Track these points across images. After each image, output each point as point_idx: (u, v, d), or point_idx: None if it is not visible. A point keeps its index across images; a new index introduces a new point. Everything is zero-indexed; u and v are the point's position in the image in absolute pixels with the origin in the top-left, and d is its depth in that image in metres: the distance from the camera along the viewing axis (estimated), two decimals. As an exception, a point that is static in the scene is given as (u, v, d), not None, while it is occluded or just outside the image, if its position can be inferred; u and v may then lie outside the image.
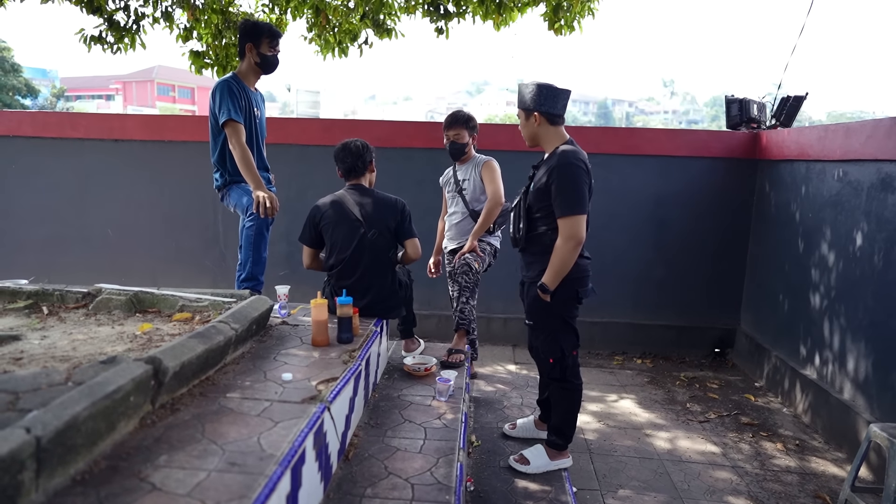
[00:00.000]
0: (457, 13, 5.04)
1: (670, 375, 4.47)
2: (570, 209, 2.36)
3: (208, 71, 5.26)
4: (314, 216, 2.96)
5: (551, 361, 2.56)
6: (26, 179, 5.07)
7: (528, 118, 2.52)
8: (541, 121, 2.50)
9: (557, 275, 2.41)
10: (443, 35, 5.24)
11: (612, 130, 5.32)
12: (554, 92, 2.46)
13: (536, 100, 2.47)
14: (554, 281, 2.42)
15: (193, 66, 5.23)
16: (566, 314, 2.53)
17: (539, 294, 2.46)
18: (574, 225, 2.36)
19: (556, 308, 2.49)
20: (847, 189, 3.51)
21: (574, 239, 2.36)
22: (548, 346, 2.56)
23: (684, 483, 2.93)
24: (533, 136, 2.57)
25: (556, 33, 4.92)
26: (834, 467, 3.14)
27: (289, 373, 2.09)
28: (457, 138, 3.40)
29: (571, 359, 2.56)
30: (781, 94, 4.89)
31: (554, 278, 2.41)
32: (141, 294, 2.56)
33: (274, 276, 4.56)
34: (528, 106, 2.50)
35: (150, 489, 1.33)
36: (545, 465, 2.64)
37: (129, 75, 51.35)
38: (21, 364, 1.79)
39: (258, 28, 3.15)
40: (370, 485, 1.94)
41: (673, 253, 4.88)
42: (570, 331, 2.55)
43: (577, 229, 2.36)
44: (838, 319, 3.50)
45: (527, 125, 2.55)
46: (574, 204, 2.37)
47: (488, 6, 4.74)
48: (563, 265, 2.39)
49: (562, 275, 2.41)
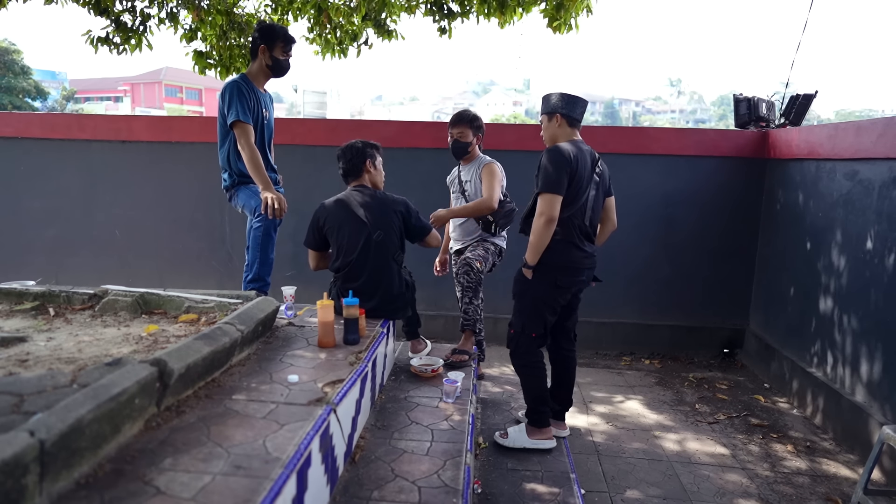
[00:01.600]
0: (461, 13, 5.01)
1: (678, 376, 4.43)
2: (545, 187, 2.56)
3: (211, 71, 5.28)
4: (317, 219, 2.96)
5: (511, 331, 2.79)
6: (34, 181, 5.09)
7: (551, 119, 2.77)
8: (561, 122, 2.74)
9: (532, 248, 2.61)
10: (445, 35, 5.22)
11: (619, 130, 5.29)
12: (574, 99, 2.75)
13: (558, 104, 2.74)
14: (531, 256, 2.62)
15: (197, 66, 5.25)
16: (539, 297, 2.70)
17: (522, 270, 2.69)
18: (546, 201, 2.55)
19: (530, 288, 2.69)
20: (858, 188, 3.47)
21: (545, 215, 2.55)
22: (514, 318, 2.79)
23: (694, 485, 2.91)
24: (553, 137, 2.77)
25: (554, 31, 4.89)
26: (846, 469, 3.11)
27: (295, 374, 2.08)
28: (460, 137, 3.38)
29: (527, 338, 2.74)
30: (790, 93, 4.85)
31: (531, 252, 2.62)
32: (147, 295, 2.56)
33: (280, 277, 4.56)
34: (550, 109, 2.76)
35: (154, 493, 1.32)
36: (522, 442, 2.79)
37: (137, 77, 51.66)
38: (27, 366, 1.79)
39: (274, 31, 3.15)
40: (377, 487, 1.93)
41: (681, 253, 4.85)
42: (537, 316, 2.73)
43: (548, 206, 2.55)
44: (849, 320, 3.46)
45: (549, 126, 2.78)
46: (548, 183, 2.55)
47: (490, 4, 4.71)
48: (536, 238, 2.58)
49: (537, 249, 2.60)
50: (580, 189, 2.63)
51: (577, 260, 2.69)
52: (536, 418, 2.80)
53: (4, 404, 1.41)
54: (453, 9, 5.01)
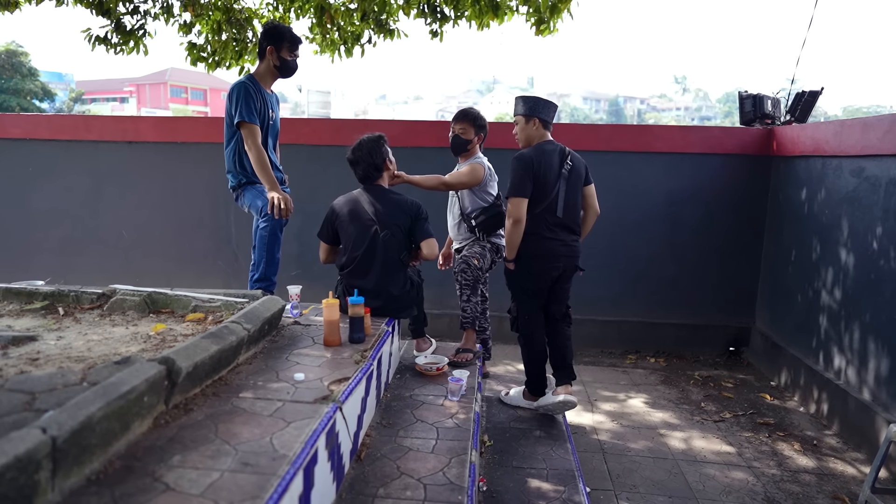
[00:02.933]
0: (454, 17, 5.02)
1: (684, 374, 4.43)
2: (510, 192, 2.89)
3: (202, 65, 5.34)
4: (331, 214, 2.99)
5: (510, 315, 3.16)
6: (42, 181, 5.13)
7: (529, 122, 3.01)
8: (538, 125, 3.00)
9: (508, 245, 2.97)
10: (437, 38, 5.23)
11: (623, 128, 5.30)
12: (548, 103, 3.04)
13: (535, 108, 3.00)
14: (507, 251, 2.98)
15: (189, 58, 5.30)
16: (519, 283, 3.06)
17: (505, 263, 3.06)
18: (512, 205, 2.88)
19: (513, 277, 3.07)
20: (864, 185, 3.46)
21: (512, 216, 2.88)
22: (512, 304, 3.16)
23: (699, 483, 2.91)
24: (528, 138, 3.03)
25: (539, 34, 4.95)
26: (852, 468, 3.10)
27: (301, 373, 2.09)
28: (462, 133, 3.37)
29: (523, 319, 3.09)
30: (796, 90, 4.82)
31: (507, 248, 2.98)
32: (154, 295, 2.58)
33: (286, 276, 4.58)
34: (529, 112, 3.00)
35: (163, 489, 1.33)
36: (517, 400, 3.25)
37: (142, 78, 51.84)
38: (37, 364, 1.81)
39: (281, 32, 3.16)
40: (382, 485, 1.94)
41: (686, 250, 4.84)
42: (526, 298, 3.07)
43: (514, 209, 2.87)
44: (856, 317, 3.45)
45: (526, 128, 3.03)
46: (513, 188, 2.88)
47: (482, 7, 4.73)
48: (507, 237, 2.95)
49: (511, 245, 2.94)
50: (546, 187, 2.91)
51: (549, 248, 2.95)
52: (529, 386, 3.20)
53: (17, 402, 1.43)
54: (445, 13, 5.02)
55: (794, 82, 4.97)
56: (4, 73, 25.68)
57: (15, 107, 24.95)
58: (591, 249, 4.40)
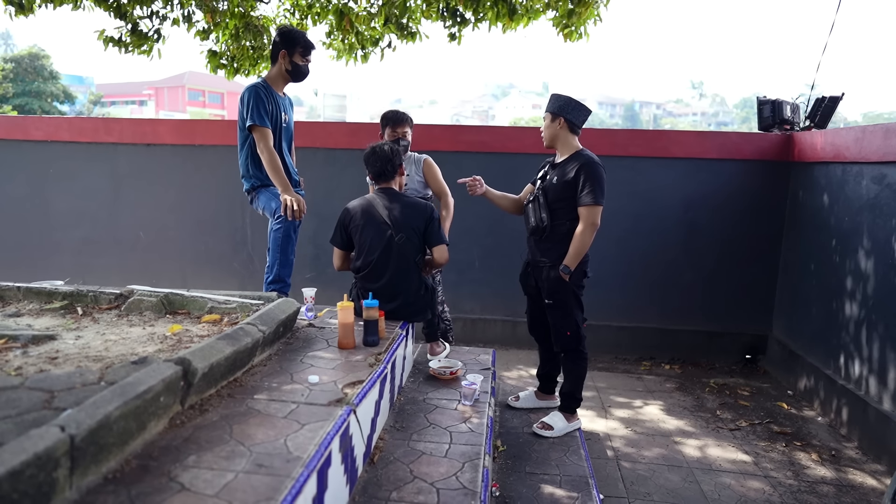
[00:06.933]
0: (474, 20, 5.03)
1: (699, 382, 4.38)
2: (594, 200, 2.79)
3: (221, 71, 5.40)
4: (343, 219, 2.99)
5: (568, 334, 2.94)
6: (63, 183, 5.22)
7: (554, 120, 2.94)
8: (564, 125, 2.92)
9: (578, 256, 2.83)
10: (455, 41, 5.25)
11: (639, 133, 5.25)
12: (580, 106, 2.93)
13: (565, 108, 2.92)
14: (575, 262, 2.83)
15: (209, 65, 5.36)
16: (577, 294, 2.96)
17: (560, 274, 2.85)
18: (596, 213, 2.81)
19: (571, 286, 2.91)
20: (886, 192, 3.40)
21: (595, 225, 2.81)
22: (565, 321, 2.94)
23: (714, 492, 2.87)
24: (553, 137, 2.97)
25: (566, 39, 4.92)
26: (872, 479, 3.04)
27: (315, 375, 2.10)
28: (405, 136, 3.39)
29: (583, 331, 2.98)
30: (815, 95, 4.77)
31: (575, 259, 2.83)
32: (171, 296, 2.61)
33: (301, 278, 4.61)
34: (556, 110, 2.92)
35: (179, 489, 1.34)
36: (565, 428, 3.01)
37: (161, 81, 52.49)
38: (56, 363, 1.84)
39: (294, 37, 3.19)
40: (395, 488, 1.94)
41: (702, 257, 4.79)
42: (580, 306, 2.98)
43: (597, 217, 2.82)
44: (876, 326, 3.39)
45: (551, 126, 2.96)
46: (597, 195, 2.80)
47: (500, 10, 4.73)
48: (583, 248, 2.83)
49: (581, 256, 2.83)
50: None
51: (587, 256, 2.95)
52: (576, 404, 3.08)
53: (36, 400, 1.45)
54: (466, 16, 5.03)
55: (813, 87, 4.90)
56: (27, 75, 26.16)
57: (37, 109, 25.40)
58: (606, 255, 4.38)
